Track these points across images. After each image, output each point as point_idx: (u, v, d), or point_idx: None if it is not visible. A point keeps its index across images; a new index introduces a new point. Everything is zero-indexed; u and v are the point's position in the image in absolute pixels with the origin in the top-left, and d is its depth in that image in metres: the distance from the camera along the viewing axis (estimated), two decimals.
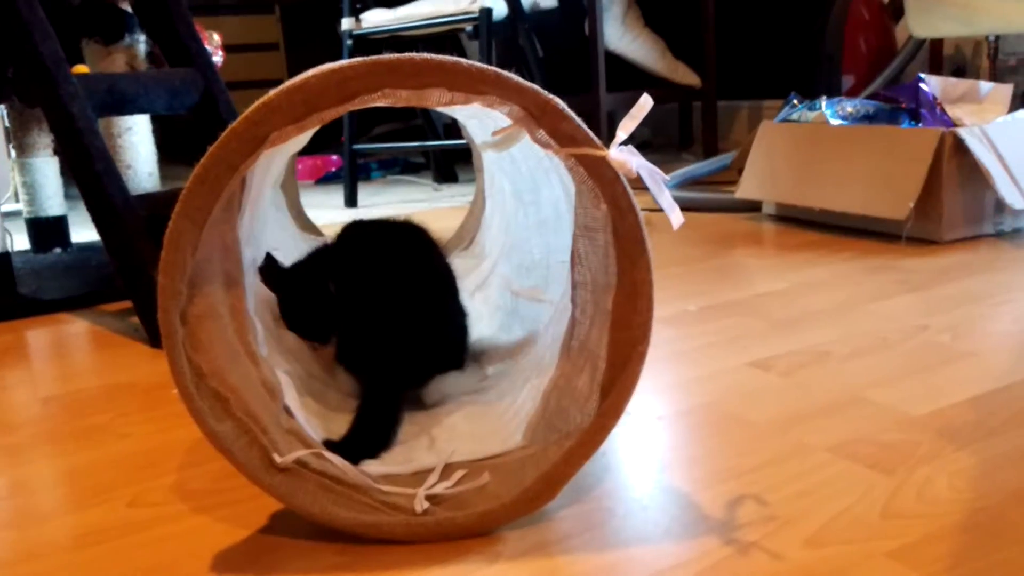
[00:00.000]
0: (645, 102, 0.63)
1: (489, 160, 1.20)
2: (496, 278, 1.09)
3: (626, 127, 0.63)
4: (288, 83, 0.62)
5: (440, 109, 0.70)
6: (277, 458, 0.65)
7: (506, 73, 0.63)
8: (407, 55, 0.62)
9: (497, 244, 1.20)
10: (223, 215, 0.65)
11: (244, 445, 0.64)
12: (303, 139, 0.77)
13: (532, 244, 0.98)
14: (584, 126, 0.64)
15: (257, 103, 0.62)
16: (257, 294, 0.82)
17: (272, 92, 0.62)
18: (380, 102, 0.64)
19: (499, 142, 0.92)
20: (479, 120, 0.94)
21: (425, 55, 0.62)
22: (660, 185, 0.63)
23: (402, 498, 0.68)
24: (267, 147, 0.62)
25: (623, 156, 0.62)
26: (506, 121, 0.67)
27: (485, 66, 0.62)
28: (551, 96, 0.63)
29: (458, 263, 1.08)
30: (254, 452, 0.65)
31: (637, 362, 0.65)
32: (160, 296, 0.62)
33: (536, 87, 0.63)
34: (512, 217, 1.08)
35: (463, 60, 0.62)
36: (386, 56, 0.62)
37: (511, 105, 0.64)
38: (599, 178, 0.64)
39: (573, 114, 0.63)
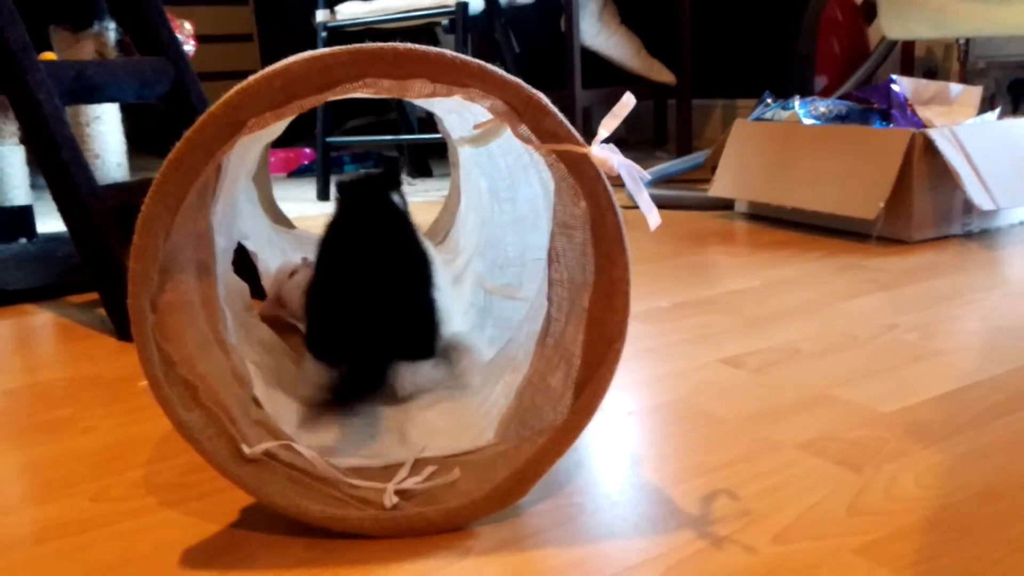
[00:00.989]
0: (628, 100, 0.63)
1: (465, 156, 1.20)
2: (470, 275, 1.09)
3: (608, 125, 0.63)
4: (268, 69, 0.61)
5: (419, 102, 0.69)
6: (246, 449, 0.64)
7: (490, 66, 0.62)
8: (390, 44, 0.61)
9: (471, 241, 1.19)
10: (197, 202, 0.64)
11: (212, 435, 0.63)
12: (278, 128, 0.76)
13: (507, 242, 0.98)
14: (567, 123, 0.63)
15: (236, 88, 0.60)
16: (227, 283, 0.81)
17: (251, 77, 0.61)
18: (361, 92, 0.64)
19: (478, 137, 0.91)
20: (458, 114, 0.93)
21: (409, 45, 0.61)
22: (639, 184, 0.63)
23: (371, 492, 0.67)
24: (244, 133, 0.61)
25: (604, 154, 0.62)
26: (486, 115, 0.67)
27: (469, 58, 0.62)
28: (535, 91, 0.63)
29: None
30: (222, 443, 0.64)
31: (612, 360, 0.65)
32: (130, 282, 0.61)
33: (520, 81, 0.62)
34: (488, 214, 1.08)
35: (447, 51, 0.62)
36: (369, 45, 0.61)
37: (493, 99, 0.63)
38: (580, 175, 0.64)
39: (556, 110, 0.63)
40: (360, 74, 0.61)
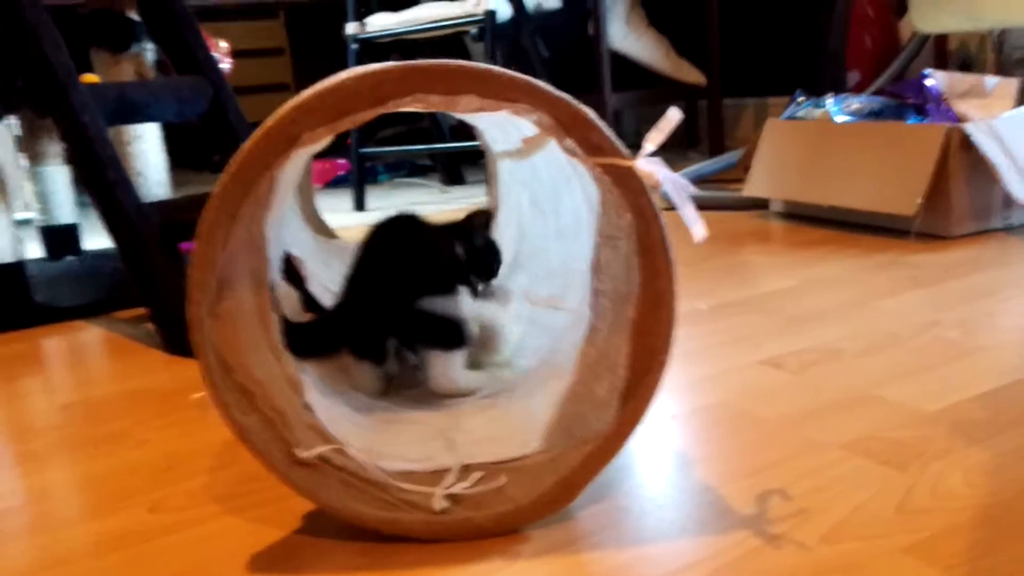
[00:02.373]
0: (673, 115, 0.64)
1: (505, 170, 1.21)
2: (514, 288, 1.09)
3: (653, 139, 0.64)
4: (321, 85, 0.63)
5: (465, 117, 0.70)
6: (300, 453, 0.66)
7: (537, 82, 0.63)
8: (440, 61, 0.63)
9: (509, 253, 1.21)
10: (253, 212, 0.66)
11: (268, 439, 0.65)
12: (324, 141, 0.78)
13: (551, 252, 0.99)
14: (613, 136, 0.64)
15: (290, 103, 0.62)
16: (278, 291, 0.83)
17: (305, 93, 0.63)
18: (411, 106, 0.65)
19: (522, 150, 0.93)
20: (500, 128, 0.95)
21: (458, 62, 0.63)
22: (684, 197, 0.64)
23: (420, 496, 0.69)
24: (298, 147, 0.63)
25: (650, 167, 0.63)
26: (531, 129, 0.68)
27: (516, 74, 0.63)
28: (581, 106, 0.64)
29: None
30: (278, 447, 0.66)
31: (658, 371, 0.67)
32: (190, 290, 0.63)
33: (567, 97, 0.64)
34: (529, 227, 1.09)
35: (495, 68, 0.63)
36: (420, 62, 0.63)
37: (540, 113, 0.65)
38: (625, 188, 0.65)
39: (602, 124, 0.64)
40: (411, 89, 0.63)
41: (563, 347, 0.85)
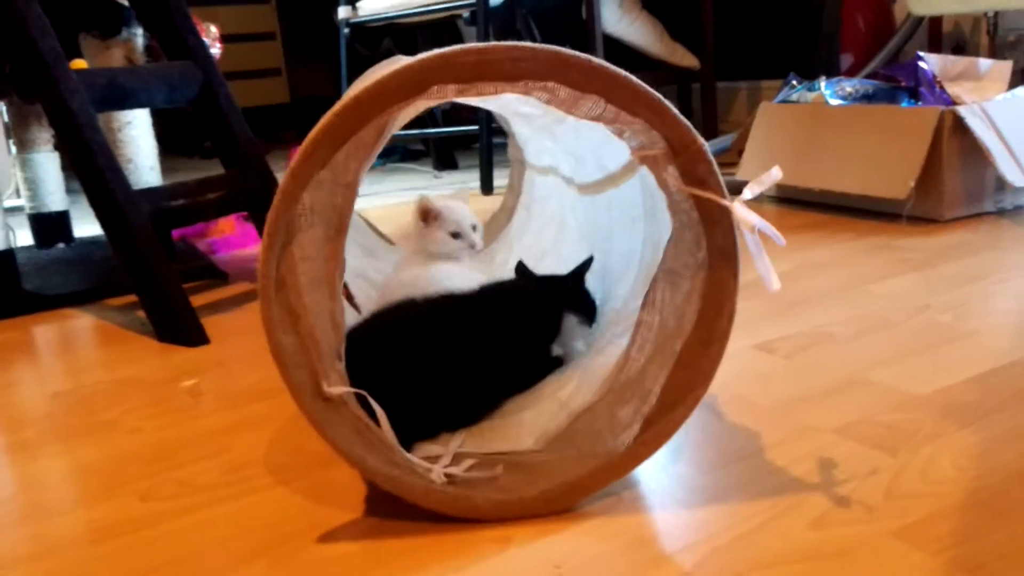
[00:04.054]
0: (775, 173, 0.64)
1: (542, 184, 1.22)
2: None
3: (754, 190, 0.64)
4: (468, 45, 0.62)
5: (584, 120, 0.69)
6: (325, 387, 0.65)
7: (665, 100, 0.63)
8: (584, 54, 0.62)
9: (532, 260, 1.23)
10: (356, 152, 0.65)
11: (299, 364, 0.65)
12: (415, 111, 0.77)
13: (592, 288, 1.00)
14: (719, 173, 0.65)
15: (433, 53, 0.61)
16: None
17: (448, 48, 0.62)
18: (537, 94, 0.65)
19: (600, 183, 0.94)
20: (576, 158, 0.95)
21: (599, 60, 0.62)
22: (761, 249, 0.64)
23: (421, 468, 0.69)
24: (425, 98, 0.63)
25: (747, 212, 0.63)
26: (614, 159, 0.68)
27: (647, 87, 0.63)
28: (699, 136, 0.64)
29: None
30: (306, 375, 0.65)
31: (691, 405, 0.68)
32: (279, 196, 0.63)
33: (688, 123, 0.64)
34: (572, 254, 1.09)
35: (631, 76, 0.63)
36: (565, 50, 0.62)
37: (655, 134, 0.64)
38: (712, 226, 0.66)
39: (712, 159, 0.64)
40: (548, 75, 0.63)
41: (575, 371, 0.87)
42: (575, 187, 1.12)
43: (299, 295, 0.65)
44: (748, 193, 0.64)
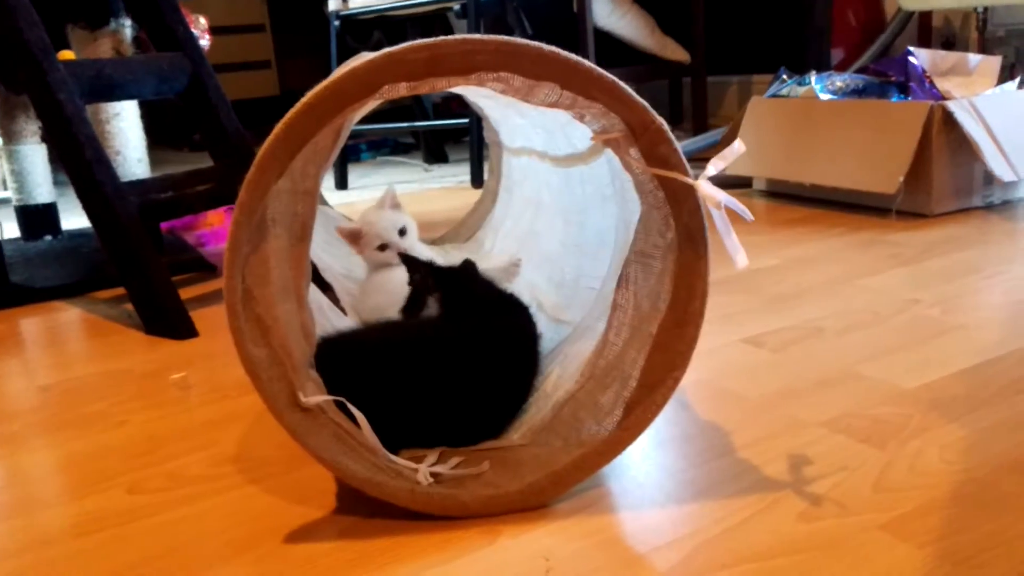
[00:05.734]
0: (738, 147, 0.64)
1: (518, 167, 1.22)
2: (523, 285, 1.10)
3: (717, 165, 0.64)
4: (417, 42, 0.62)
5: (542, 107, 0.68)
6: (301, 397, 0.65)
7: (621, 84, 0.63)
8: (534, 43, 0.62)
9: (508, 246, 1.22)
10: (313, 158, 0.65)
11: (274, 377, 0.65)
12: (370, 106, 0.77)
13: (565, 263, 1.00)
14: (680, 152, 0.64)
15: (381, 53, 0.61)
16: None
17: (397, 47, 0.62)
18: (492, 85, 0.65)
19: (572, 158, 0.94)
20: (547, 132, 0.94)
21: (551, 47, 0.62)
22: (729, 226, 0.64)
23: (406, 470, 0.69)
24: (376, 97, 0.63)
25: (712, 189, 0.63)
26: (582, 139, 0.68)
27: (603, 71, 0.63)
28: (657, 116, 0.64)
29: (455, 254, 1.09)
30: (281, 386, 0.65)
31: (670, 387, 0.67)
32: (237, 211, 0.62)
33: (646, 104, 0.63)
34: (547, 229, 1.09)
35: (583, 60, 0.62)
36: (515, 39, 0.62)
37: (613, 117, 0.64)
38: (678, 206, 0.65)
39: (673, 138, 0.64)
40: (500, 65, 0.63)
41: (556, 357, 0.86)
42: (549, 160, 1.11)
43: (268, 307, 0.65)
44: (712, 169, 0.64)
